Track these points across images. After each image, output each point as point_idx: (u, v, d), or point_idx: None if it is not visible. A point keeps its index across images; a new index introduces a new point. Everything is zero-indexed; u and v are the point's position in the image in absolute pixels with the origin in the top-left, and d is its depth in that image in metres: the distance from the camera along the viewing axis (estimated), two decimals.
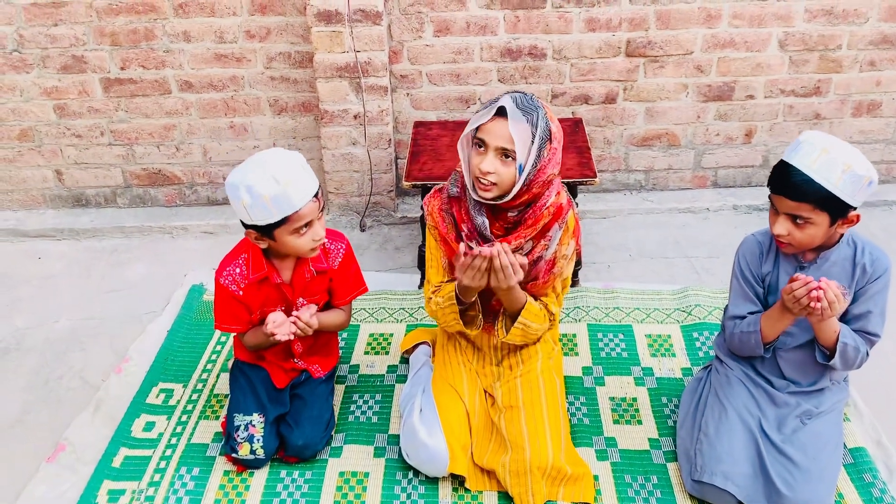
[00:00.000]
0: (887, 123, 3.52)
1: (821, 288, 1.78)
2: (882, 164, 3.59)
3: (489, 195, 1.95)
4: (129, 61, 3.27)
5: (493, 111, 1.89)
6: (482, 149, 1.92)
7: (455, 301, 2.06)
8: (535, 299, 2.12)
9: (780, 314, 1.94)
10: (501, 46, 3.28)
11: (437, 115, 3.44)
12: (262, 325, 2.08)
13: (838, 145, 1.80)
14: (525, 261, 1.92)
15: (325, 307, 2.30)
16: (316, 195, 1.99)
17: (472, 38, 3.26)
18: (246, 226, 2.00)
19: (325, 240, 2.13)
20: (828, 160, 1.77)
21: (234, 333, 2.27)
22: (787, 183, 1.81)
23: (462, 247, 1.89)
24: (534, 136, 1.89)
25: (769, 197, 1.90)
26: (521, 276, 1.92)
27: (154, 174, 3.56)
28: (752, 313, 2.07)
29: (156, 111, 3.40)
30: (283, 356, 2.31)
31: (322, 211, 2.04)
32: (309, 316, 2.08)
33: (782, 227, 1.87)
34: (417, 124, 3.22)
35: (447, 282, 2.15)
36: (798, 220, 1.84)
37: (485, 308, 2.14)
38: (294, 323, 2.05)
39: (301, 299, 2.20)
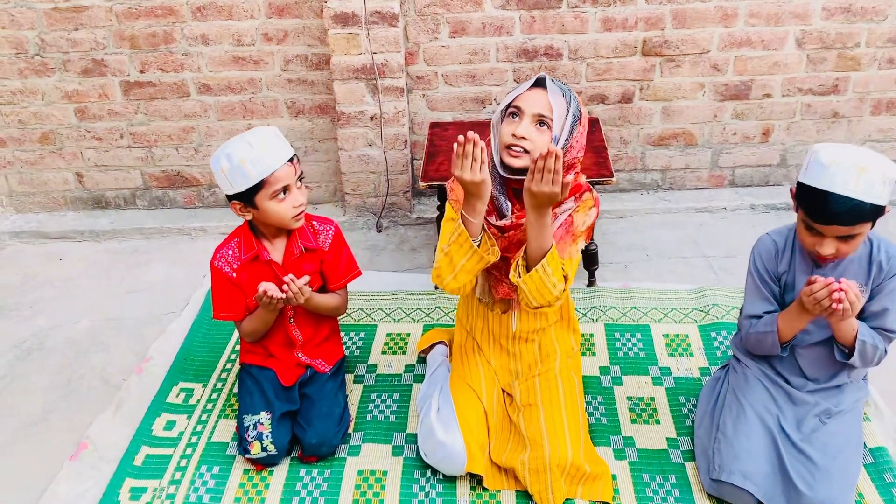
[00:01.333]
0: None
1: (842, 289, 1.77)
2: None
3: (519, 163, 1.92)
4: (147, 64, 3.31)
5: (532, 82, 1.93)
6: (517, 118, 1.93)
7: (463, 227, 1.90)
8: None
9: (798, 314, 1.93)
10: (517, 47, 3.29)
11: (453, 116, 3.45)
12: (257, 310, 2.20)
13: (866, 157, 1.77)
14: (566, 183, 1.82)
15: (321, 293, 2.33)
16: (291, 160, 2.08)
17: (487, 38, 3.27)
18: (230, 198, 2.10)
19: (314, 221, 2.27)
20: (867, 178, 1.74)
21: (234, 321, 2.30)
22: (837, 212, 1.76)
23: (460, 138, 1.78)
24: (568, 111, 1.93)
25: (806, 221, 1.84)
26: (566, 192, 1.81)
27: (173, 176, 3.59)
28: (768, 312, 2.06)
29: (174, 114, 3.43)
30: (284, 347, 2.33)
31: (301, 180, 2.13)
32: (302, 283, 2.10)
33: (831, 248, 1.83)
34: (433, 125, 3.23)
35: None
36: (847, 238, 1.82)
37: (494, 294, 2.14)
38: (287, 284, 2.08)
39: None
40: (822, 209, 1.78)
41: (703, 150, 3.56)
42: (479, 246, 1.94)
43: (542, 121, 1.91)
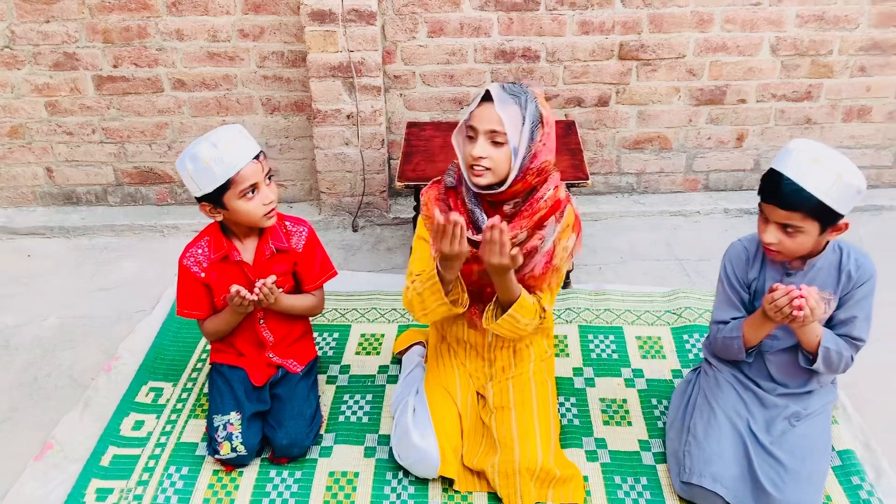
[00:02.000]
0: (877, 129, 3.54)
1: (802, 296, 1.78)
2: (872, 170, 3.61)
3: (483, 181, 1.94)
4: (121, 59, 3.27)
5: (481, 98, 1.92)
6: (473, 137, 1.93)
7: (437, 279, 1.97)
8: (529, 293, 2.09)
9: (762, 321, 1.95)
10: (495, 48, 3.29)
11: (431, 116, 3.44)
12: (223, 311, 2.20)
13: (828, 153, 1.80)
14: (518, 253, 1.88)
15: (294, 294, 2.32)
16: (257, 157, 2.06)
17: (465, 39, 3.26)
18: (199, 199, 2.07)
19: (287, 222, 2.24)
20: (819, 169, 1.77)
21: (196, 319, 2.28)
22: (778, 192, 1.80)
23: (437, 212, 1.84)
24: (524, 118, 1.91)
25: (759, 205, 1.89)
26: (518, 261, 1.88)
27: (146, 173, 3.55)
28: (735, 318, 2.08)
29: (148, 109, 3.39)
30: (254, 347, 2.31)
31: (270, 178, 2.11)
32: (271, 282, 2.09)
33: (773, 236, 1.86)
34: (411, 125, 3.22)
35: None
36: (788, 229, 1.83)
37: (477, 296, 2.13)
38: (260, 288, 2.06)
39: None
40: (766, 187, 1.84)
41: (677, 154, 3.58)
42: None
43: (496, 136, 1.90)
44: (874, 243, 3.19)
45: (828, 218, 1.80)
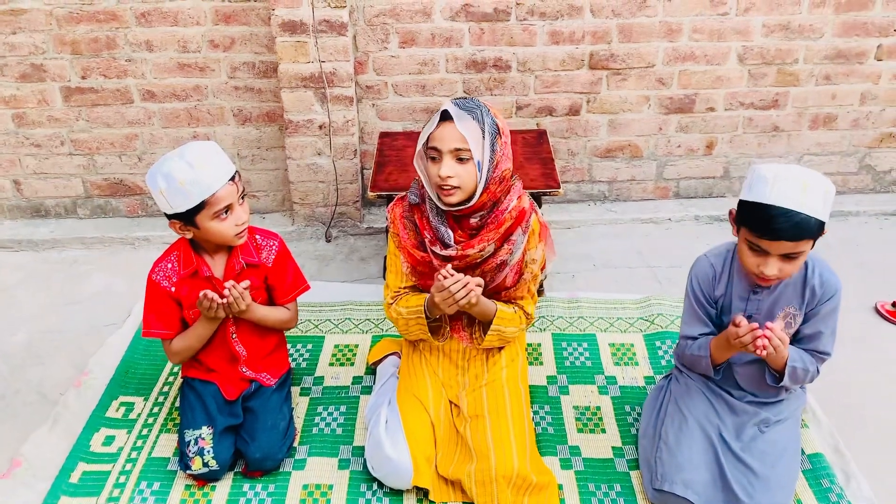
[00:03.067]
0: (842, 136, 3.60)
1: (765, 336, 1.80)
2: (838, 176, 3.67)
3: (454, 199, 1.98)
4: (89, 70, 3.23)
5: (438, 118, 1.94)
6: (437, 158, 1.95)
7: (423, 314, 2.10)
8: (509, 302, 2.17)
9: (728, 345, 1.94)
10: (467, 58, 3.30)
11: (403, 126, 3.45)
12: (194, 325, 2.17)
13: (807, 173, 1.78)
14: (480, 281, 1.99)
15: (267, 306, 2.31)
16: (233, 178, 2.03)
17: (437, 49, 3.28)
18: (169, 217, 2.05)
19: (257, 235, 2.23)
20: (811, 194, 1.74)
21: (162, 339, 2.22)
22: (785, 227, 1.74)
23: (442, 271, 1.95)
24: (483, 132, 1.94)
25: (748, 241, 1.83)
26: (473, 301, 1.98)
27: (115, 184, 3.51)
28: (703, 335, 2.09)
29: (117, 121, 3.35)
30: (227, 363, 2.28)
31: (243, 197, 2.09)
32: (242, 288, 2.06)
33: (775, 268, 1.81)
34: (383, 135, 3.22)
35: (407, 289, 2.18)
36: (791, 256, 1.80)
37: (459, 313, 2.18)
38: (228, 289, 2.04)
39: None
40: (767, 224, 1.76)
41: (648, 162, 3.62)
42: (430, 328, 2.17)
43: (460, 154, 1.93)
44: (841, 248, 3.25)
45: (820, 232, 1.81)
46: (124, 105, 3.32)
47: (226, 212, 2.03)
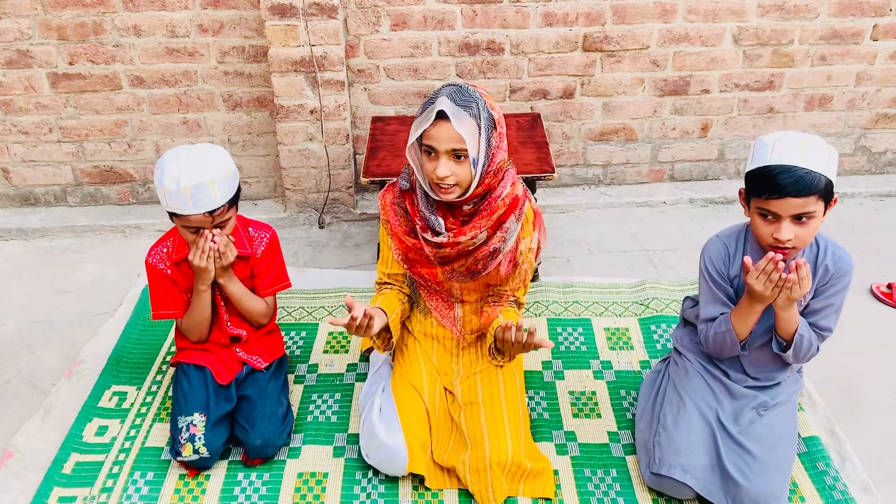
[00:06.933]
0: (838, 117, 3.58)
1: (784, 259, 1.80)
2: None
3: (452, 196, 1.97)
4: (77, 56, 3.19)
5: (434, 115, 1.87)
6: (433, 154, 1.91)
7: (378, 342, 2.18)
8: (503, 296, 2.18)
9: (749, 305, 1.92)
10: (459, 41, 3.26)
11: (396, 111, 3.41)
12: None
13: (807, 135, 1.82)
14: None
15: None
16: (213, 212, 2.01)
17: (429, 32, 3.24)
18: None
19: (250, 227, 2.27)
20: (811, 149, 1.78)
21: (174, 319, 2.28)
22: (788, 182, 1.76)
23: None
24: (480, 129, 1.90)
25: (758, 207, 1.84)
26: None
27: (105, 172, 3.47)
28: (723, 315, 2.05)
29: (106, 107, 3.31)
30: (223, 346, 2.30)
31: (220, 226, 2.07)
32: (227, 242, 2.09)
33: (789, 231, 1.81)
34: (375, 119, 3.19)
35: (391, 283, 2.23)
36: (802, 219, 1.80)
37: (446, 294, 2.22)
38: (213, 239, 2.05)
39: None
40: (771, 183, 1.78)
41: (643, 145, 3.59)
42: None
43: (457, 153, 1.90)
44: (836, 230, 3.24)
45: (829, 194, 1.80)
46: (113, 91, 3.28)
47: (196, 231, 2.06)
